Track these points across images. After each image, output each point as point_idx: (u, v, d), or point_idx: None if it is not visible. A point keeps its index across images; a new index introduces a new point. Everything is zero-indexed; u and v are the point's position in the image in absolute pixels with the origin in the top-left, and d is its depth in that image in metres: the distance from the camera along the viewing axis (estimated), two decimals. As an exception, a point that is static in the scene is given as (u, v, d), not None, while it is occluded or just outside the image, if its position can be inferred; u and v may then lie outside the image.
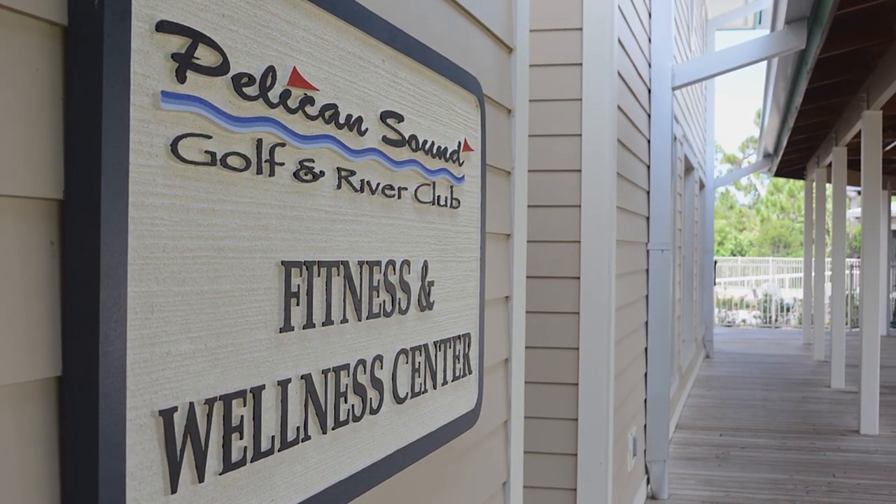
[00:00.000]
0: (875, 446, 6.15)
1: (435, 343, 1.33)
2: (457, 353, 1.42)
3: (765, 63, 6.88)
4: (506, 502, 1.91)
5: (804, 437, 6.40)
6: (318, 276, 0.98)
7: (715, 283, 12.40)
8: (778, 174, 13.40)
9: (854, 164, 9.30)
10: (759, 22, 11.59)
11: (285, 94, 0.91)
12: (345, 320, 1.04)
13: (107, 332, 0.66)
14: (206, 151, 0.79)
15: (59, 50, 0.67)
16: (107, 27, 0.66)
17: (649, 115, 4.68)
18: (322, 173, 0.99)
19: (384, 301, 1.15)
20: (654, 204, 4.69)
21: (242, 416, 0.84)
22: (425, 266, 1.29)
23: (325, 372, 1.00)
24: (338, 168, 1.03)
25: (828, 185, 11.16)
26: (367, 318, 1.10)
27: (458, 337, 1.43)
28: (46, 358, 0.65)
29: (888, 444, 6.19)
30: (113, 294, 0.67)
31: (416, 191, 1.24)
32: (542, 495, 3.31)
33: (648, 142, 4.68)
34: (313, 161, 0.97)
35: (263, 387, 0.88)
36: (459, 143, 1.41)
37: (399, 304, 1.20)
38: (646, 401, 4.73)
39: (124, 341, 0.68)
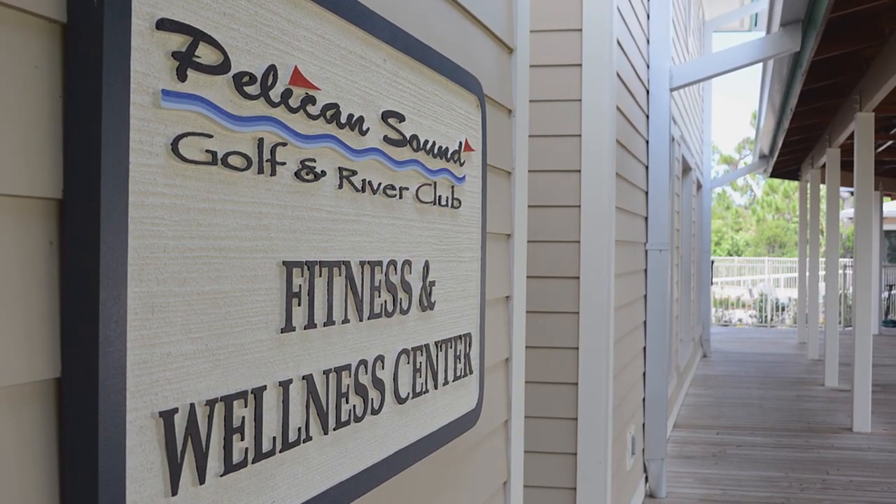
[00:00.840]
0: (867, 444, 6.16)
1: (436, 343, 1.32)
2: (458, 353, 1.42)
3: (761, 64, 6.88)
4: (506, 502, 1.91)
5: (799, 435, 6.42)
6: (320, 276, 0.97)
7: (712, 283, 12.42)
8: (773, 175, 13.42)
9: (847, 166, 9.31)
10: (755, 24, 11.63)
11: (287, 94, 0.90)
12: (346, 320, 1.04)
13: (106, 332, 0.66)
14: (207, 151, 0.78)
15: (58, 48, 0.66)
16: (106, 25, 0.66)
17: (648, 116, 4.68)
18: (323, 173, 0.98)
19: (385, 301, 1.14)
20: (653, 204, 4.69)
21: (244, 417, 0.84)
22: (426, 266, 1.28)
23: (326, 372, 0.99)
24: (339, 168, 1.02)
25: (822, 185, 11.18)
26: (369, 319, 1.09)
27: (459, 337, 1.43)
28: (45, 359, 0.65)
29: (880, 442, 6.21)
30: (113, 294, 0.66)
31: (417, 191, 1.24)
32: (542, 494, 3.30)
33: (647, 142, 4.68)
34: (315, 161, 0.96)
35: (265, 387, 0.87)
36: (460, 143, 1.40)
37: (400, 304, 1.19)
38: (644, 400, 4.73)
39: (124, 342, 0.68)
